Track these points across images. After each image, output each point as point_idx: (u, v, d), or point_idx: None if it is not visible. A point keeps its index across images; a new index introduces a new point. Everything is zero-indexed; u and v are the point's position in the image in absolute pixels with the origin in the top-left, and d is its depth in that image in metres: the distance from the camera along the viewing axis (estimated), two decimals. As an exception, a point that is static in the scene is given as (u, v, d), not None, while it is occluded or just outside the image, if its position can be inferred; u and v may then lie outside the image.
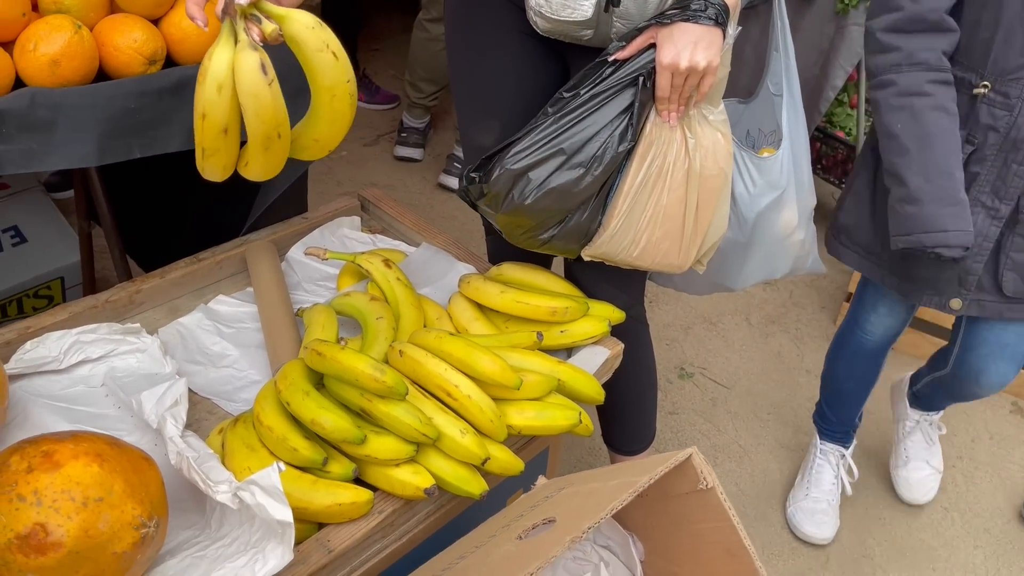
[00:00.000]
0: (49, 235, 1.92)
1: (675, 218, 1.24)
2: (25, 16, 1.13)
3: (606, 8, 1.18)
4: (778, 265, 1.46)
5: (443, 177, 3.11)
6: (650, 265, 1.30)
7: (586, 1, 1.19)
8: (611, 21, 1.20)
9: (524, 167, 1.22)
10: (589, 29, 1.22)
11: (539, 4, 1.22)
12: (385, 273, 1.40)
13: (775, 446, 2.15)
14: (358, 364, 1.06)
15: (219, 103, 0.97)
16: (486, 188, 1.28)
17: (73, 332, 1.27)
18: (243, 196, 1.54)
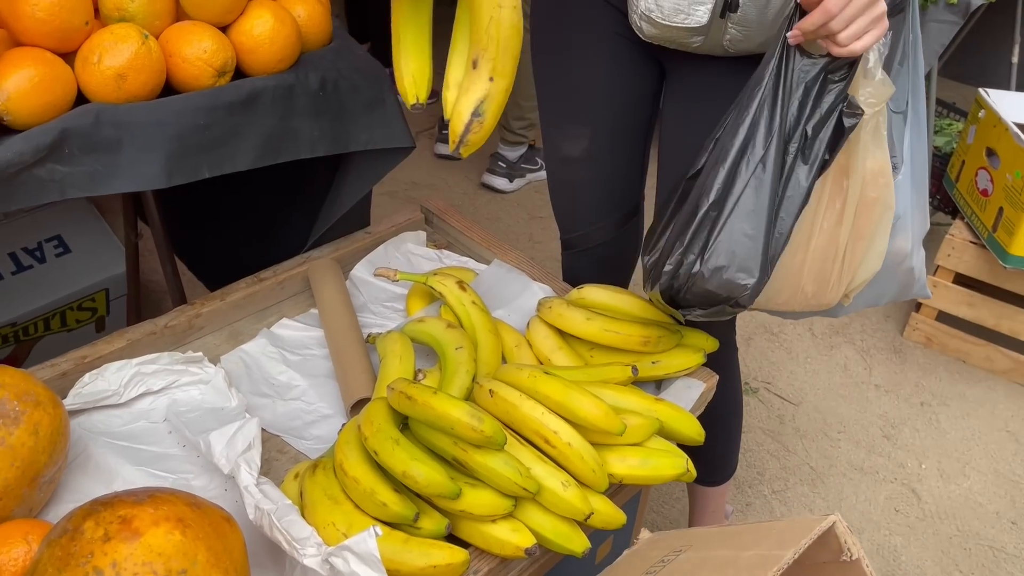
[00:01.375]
0: (93, 245, 1.85)
1: (824, 257, 1.13)
2: (88, 25, 1.04)
3: (722, 14, 1.08)
4: (885, 291, 1.35)
5: (487, 176, 3.02)
6: (791, 307, 1.20)
7: (702, 6, 1.08)
8: (725, 27, 1.10)
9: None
10: (700, 35, 1.12)
11: (649, 9, 1.12)
12: (460, 296, 1.30)
13: (848, 468, 2.04)
14: (453, 412, 0.96)
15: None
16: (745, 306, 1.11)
17: (133, 363, 1.19)
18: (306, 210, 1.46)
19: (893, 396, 2.26)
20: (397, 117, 1.31)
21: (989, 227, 2.20)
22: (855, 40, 0.99)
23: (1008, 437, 2.17)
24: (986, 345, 2.34)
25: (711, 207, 1.06)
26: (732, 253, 1.05)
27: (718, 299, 1.07)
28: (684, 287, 1.08)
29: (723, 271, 1.05)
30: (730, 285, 1.05)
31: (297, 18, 1.21)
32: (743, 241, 1.05)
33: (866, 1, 0.96)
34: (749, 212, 1.05)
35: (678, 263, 1.08)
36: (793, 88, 1.06)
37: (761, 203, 1.05)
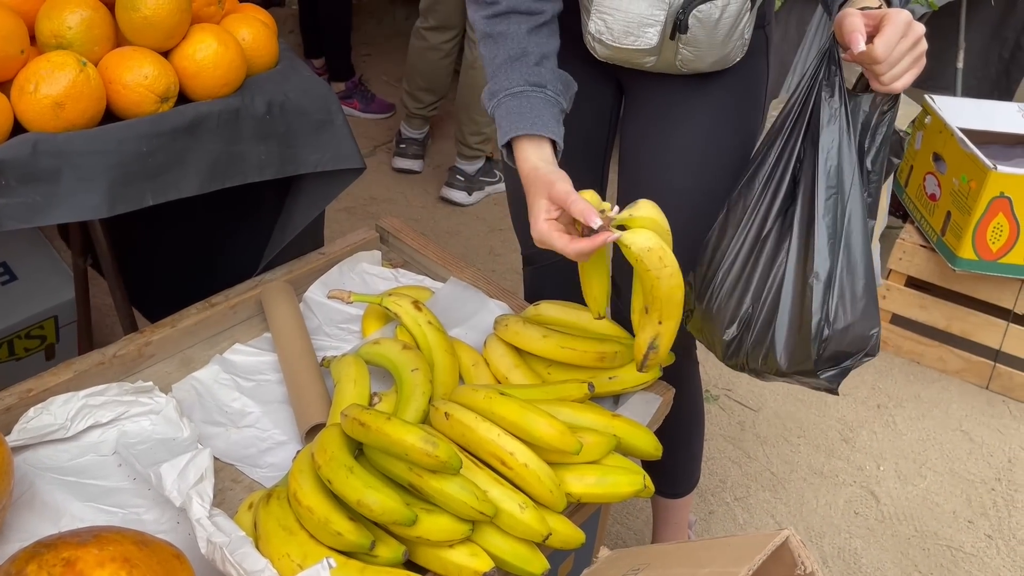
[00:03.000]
0: (40, 271, 1.80)
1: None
2: (23, 53, 1.02)
3: (672, 35, 1.09)
4: None
5: (446, 190, 3.02)
6: None
7: (651, 28, 1.09)
8: (676, 48, 1.11)
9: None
10: (652, 56, 1.13)
11: (599, 31, 1.13)
12: (416, 317, 1.29)
13: (808, 472, 2.06)
14: (407, 437, 0.95)
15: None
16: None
17: (80, 395, 1.16)
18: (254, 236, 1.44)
19: (851, 399, 2.30)
20: (346, 138, 1.30)
21: (938, 231, 2.24)
22: (896, 81, 1.02)
23: (962, 437, 2.21)
24: (939, 346, 2.39)
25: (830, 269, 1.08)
26: (854, 308, 1.07)
27: (848, 355, 1.10)
28: (818, 355, 1.10)
29: (851, 328, 1.08)
30: (860, 339, 1.09)
31: (242, 41, 1.20)
32: (859, 293, 1.07)
33: (910, 43, 0.99)
34: (855, 263, 1.07)
35: (817, 334, 1.09)
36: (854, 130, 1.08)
37: (861, 251, 1.08)
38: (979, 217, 2.08)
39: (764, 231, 1.13)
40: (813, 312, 1.09)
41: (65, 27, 1.05)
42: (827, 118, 1.07)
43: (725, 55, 1.17)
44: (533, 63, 1.09)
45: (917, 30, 1.00)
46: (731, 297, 1.15)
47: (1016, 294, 2.22)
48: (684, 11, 1.10)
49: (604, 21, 1.14)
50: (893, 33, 0.98)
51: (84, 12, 1.05)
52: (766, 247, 1.13)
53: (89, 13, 1.06)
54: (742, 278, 1.15)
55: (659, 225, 1.01)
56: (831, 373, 1.12)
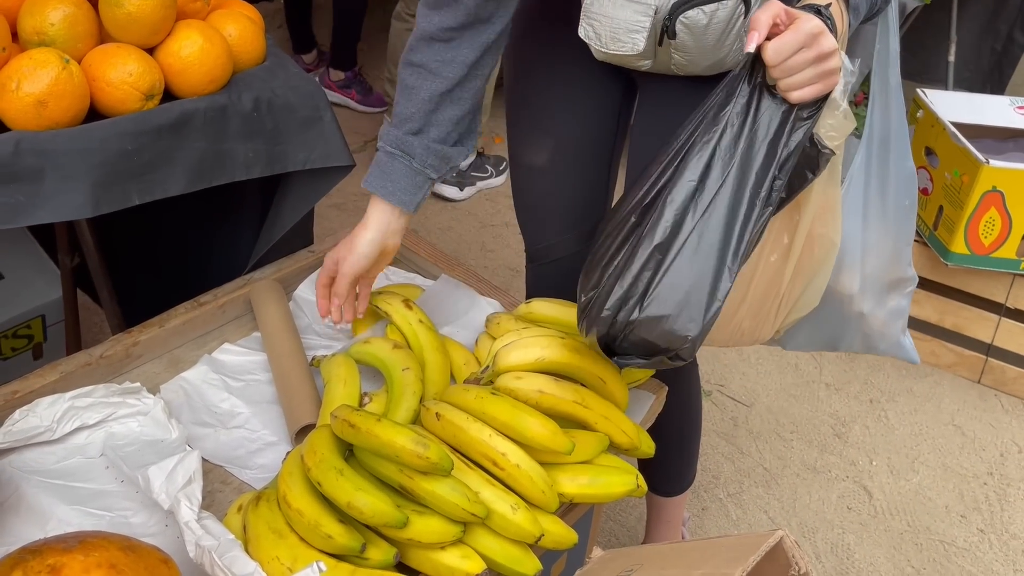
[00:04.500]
0: (27, 270, 1.78)
1: (765, 295, 1.11)
2: (5, 51, 1.00)
3: (660, 41, 1.07)
4: (841, 337, 1.27)
5: (437, 186, 3.00)
6: (722, 344, 1.16)
7: (637, 35, 1.08)
8: (668, 52, 1.10)
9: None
10: (646, 60, 1.12)
11: (588, 36, 1.12)
12: (406, 315, 1.29)
13: (801, 468, 2.06)
14: (397, 439, 0.94)
15: None
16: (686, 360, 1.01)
17: (67, 396, 1.15)
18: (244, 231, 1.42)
19: (843, 394, 2.30)
20: (335, 135, 1.28)
21: (930, 225, 2.24)
22: (793, 91, 0.94)
23: (955, 431, 2.21)
24: (931, 340, 2.39)
25: (656, 248, 0.98)
26: (676, 302, 0.96)
27: (657, 349, 0.98)
28: (621, 334, 0.99)
29: (664, 321, 0.96)
30: (671, 336, 0.96)
31: (228, 37, 1.18)
32: (688, 289, 0.96)
33: (812, 56, 0.91)
34: (695, 257, 0.97)
35: (616, 308, 0.99)
36: (762, 128, 0.98)
37: (710, 248, 0.96)
38: (971, 211, 2.08)
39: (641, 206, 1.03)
40: (618, 286, 0.99)
41: (48, 24, 1.03)
42: (718, 107, 0.99)
43: (720, 59, 1.14)
44: (414, 131, 1.15)
45: (824, 44, 0.91)
46: (598, 266, 1.04)
47: (1008, 288, 2.22)
48: (670, 17, 1.07)
49: (592, 27, 1.13)
50: (790, 40, 0.90)
51: (67, 8, 1.03)
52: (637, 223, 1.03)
53: (72, 9, 1.04)
54: (609, 249, 1.04)
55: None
56: (633, 362, 1.01)
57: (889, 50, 1.18)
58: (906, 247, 1.23)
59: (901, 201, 1.20)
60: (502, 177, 3.11)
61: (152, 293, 1.39)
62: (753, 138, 0.98)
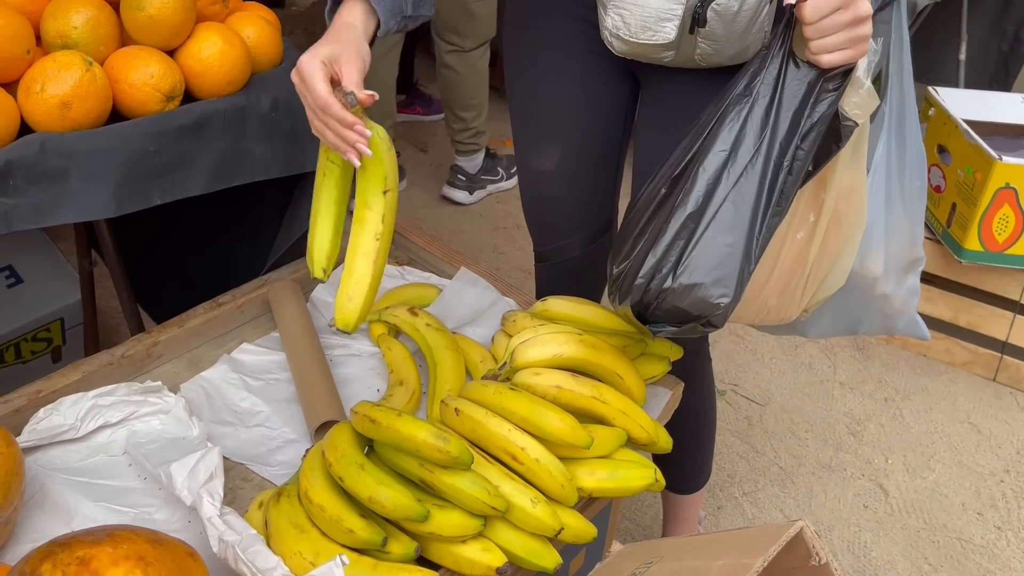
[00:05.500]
0: (46, 273, 1.80)
1: (792, 272, 1.12)
2: (29, 53, 1.02)
3: (691, 29, 1.08)
4: (861, 319, 1.29)
5: (447, 189, 3.00)
6: (749, 321, 1.17)
7: (669, 23, 1.08)
8: (695, 42, 1.10)
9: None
10: (671, 51, 1.12)
11: (616, 27, 1.12)
12: (413, 322, 1.30)
13: (816, 467, 2.06)
14: (419, 433, 0.95)
15: None
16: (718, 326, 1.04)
17: (90, 395, 1.16)
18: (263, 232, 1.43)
19: (857, 393, 2.29)
20: (352, 136, 1.29)
21: (944, 223, 2.24)
22: (825, 53, 0.95)
23: (970, 429, 2.20)
24: (946, 339, 2.38)
25: (689, 218, 1.00)
26: (708, 269, 0.98)
27: (689, 317, 1.00)
28: (654, 302, 1.01)
29: (697, 288, 0.98)
30: (704, 304, 0.99)
31: (247, 39, 1.19)
32: (721, 257, 0.98)
33: (848, 18, 0.92)
34: (729, 226, 0.98)
35: (649, 276, 1.01)
36: (788, 98, 1.00)
37: (742, 217, 0.98)
38: (985, 208, 2.08)
39: (671, 179, 1.05)
40: (650, 255, 1.01)
41: (71, 27, 1.04)
42: (749, 78, 1.00)
43: (744, 48, 1.14)
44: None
45: (860, 7, 0.91)
46: (629, 238, 1.07)
47: (1023, 285, 2.21)
48: (702, 5, 1.08)
49: (621, 16, 1.13)
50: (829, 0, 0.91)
51: (89, 12, 1.05)
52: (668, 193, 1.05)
53: (94, 13, 1.06)
54: (640, 222, 1.06)
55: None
56: (667, 330, 1.03)
57: (903, 38, 1.18)
58: (919, 227, 1.24)
59: (914, 183, 1.21)
60: (514, 180, 3.08)
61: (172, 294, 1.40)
62: (780, 108, 1.00)
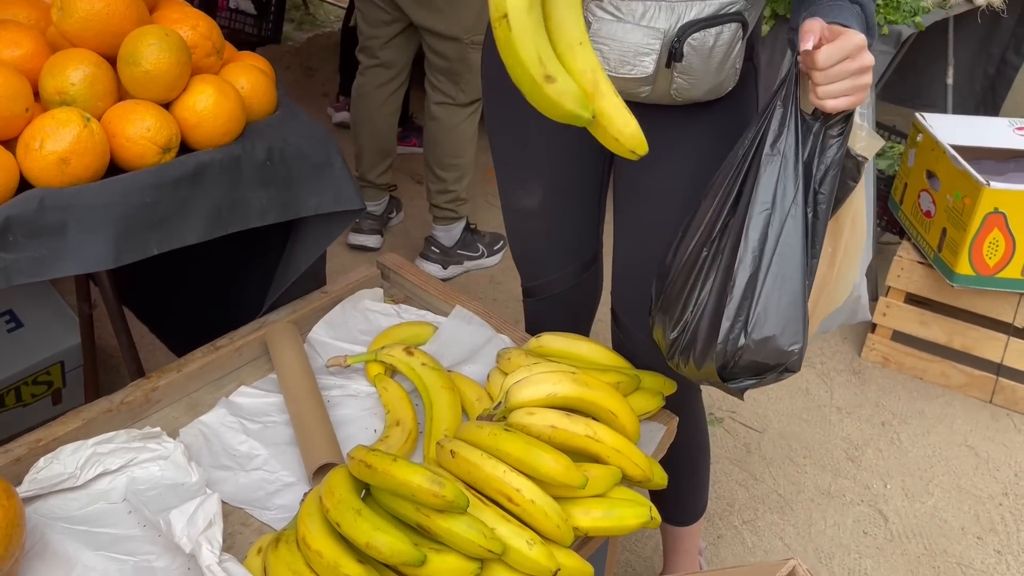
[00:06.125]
0: (46, 317, 1.82)
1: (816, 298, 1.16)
2: (28, 111, 1.04)
3: (668, 64, 1.11)
4: (835, 319, 1.39)
5: (419, 261, 2.75)
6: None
7: (647, 57, 1.11)
8: (671, 77, 1.13)
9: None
10: (648, 86, 1.15)
11: None
12: (409, 362, 1.32)
13: (816, 493, 2.06)
14: (414, 478, 0.96)
15: None
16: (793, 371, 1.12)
17: (89, 443, 1.17)
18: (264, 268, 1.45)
19: (855, 418, 2.30)
20: (346, 180, 1.32)
21: (935, 247, 2.26)
22: (831, 98, 1.01)
23: (968, 452, 2.21)
24: (941, 361, 2.39)
25: (751, 278, 1.07)
26: (776, 321, 1.05)
27: (768, 368, 1.08)
28: (731, 361, 1.08)
29: (770, 341, 1.05)
30: (779, 353, 1.06)
31: (240, 89, 1.22)
32: (784, 307, 1.05)
33: (855, 67, 0.99)
34: (785, 277, 1.06)
35: (725, 339, 1.07)
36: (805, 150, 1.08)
37: (794, 268, 1.06)
38: (974, 233, 2.10)
39: (710, 240, 1.13)
40: (724, 319, 1.07)
41: (68, 84, 1.07)
42: (773, 136, 1.08)
43: (719, 83, 1.19)
44: None
45: (865, 58, 0.99)
46: (679, 301, 1.15)
47: (1015, 308, 2.23)
48: (679, 39, 1.12)
49: (600, 52, 1.16)
50: (840, 47, 0.98)
51: (87, 68, 1.08)
52: (708, 256, 1.13)
53: (92, 69, 1.08)
54: (688, 283, 1.14)
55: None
56: (747, 383, 1.11)
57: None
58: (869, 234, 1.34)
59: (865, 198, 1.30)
60: (496, 257, 2.85)
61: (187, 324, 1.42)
62: (800, 160, 1.07)
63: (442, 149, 2.57)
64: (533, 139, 1.36)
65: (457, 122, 2.55)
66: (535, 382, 1.18)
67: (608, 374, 1.26)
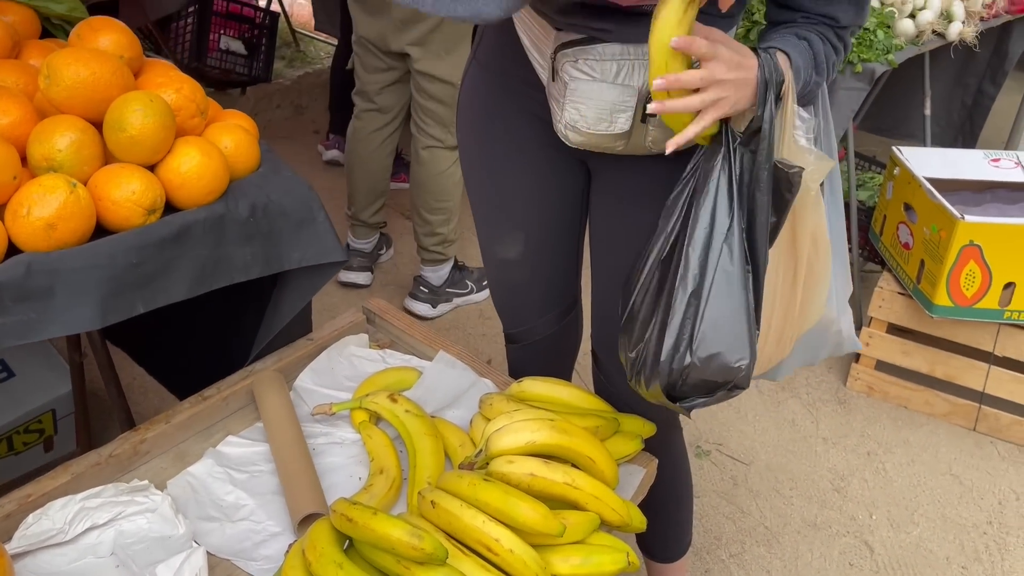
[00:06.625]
0: (37, 366, 1.84)
1: (784, 319, 1.19)
2: (16, 179, 1.07)
3: (644, 119, 1.15)
4: (819, 352, 1.41)
5: (408, 302, 2.76)
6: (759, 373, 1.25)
7: (623, 114, 1.15)
8: (647, 130, 1.17)
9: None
10: (624, 140, 1.19)
11: (574, 120, 1.18)
12: (393, 409, 1.34)
13: (802, 525, 2.08)
14: (393, 532, 0.99)
15: None
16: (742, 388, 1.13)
17: (78, 498, 1.19)
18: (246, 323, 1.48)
19: (840, 448, 2.32)
20: (328, 233, 1.35)
21: (914, 279, 2.29)
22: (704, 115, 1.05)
23: (952, 480, 2.23)
24: (925, 390, 2.42)
25: (692, 295, 1.09)
26: (721, 337, 1.07)
27: (716, 386, 1.09)
28: (679, 380, 1.10)
29: (716, 358, 1.07)
30: (726, 370, 1.07)
31: (224, 149, 1.25)
32: (728, 323, 1.07)
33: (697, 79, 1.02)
34: (727, 294, 1.07)
35: (670, 358, 1.09)
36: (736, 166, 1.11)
37: (735, 283, 1.07)
38: (951, 265, 2.13)
39: (660, 261, 1.15)
40: (667, 337, 1.09)
41: (55, 150, 1.10)
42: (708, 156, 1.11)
43: None
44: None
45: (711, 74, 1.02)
46: (635, 322, 1.16)
47: (995, 337, 2.27)
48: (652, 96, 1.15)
49: (578, 110, 1.20)
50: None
51: (73, 135, 1.11)
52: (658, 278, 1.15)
53: (78, 135, 1.11)
54: (642, 305, 1.16)
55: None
56: (697, 402, 1.11)
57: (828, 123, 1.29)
58: (846, 265, 1.36)
59: (840, 234, 1.33)
60: (485, 292, 2.85)
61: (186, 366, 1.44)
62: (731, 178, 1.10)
63: (429, 193, 2.59)
64: (509, 195, 1.40)
65: (445, 167, 2.57)
66: (515, 430, 1.21)
67: (587, 418, 1.29)
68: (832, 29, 1.18)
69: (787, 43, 1.13)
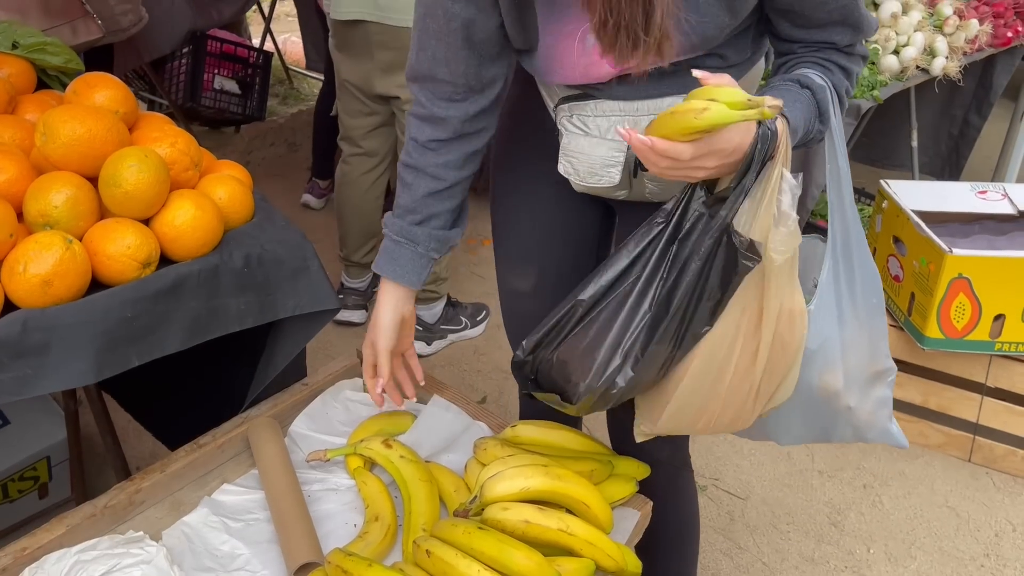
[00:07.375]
0: (32, 414, 1.84)
1: (738, 390, 1.18)
2: (12, 237, 1.09)
3: (635, 173, 1.17)
4: (831, 429, 1.33)
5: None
6: (703, 431, 1.25)
7: (613, 168, 1.17)
8: (643, 182, 1.19)
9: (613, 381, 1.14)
10: (623, 190, 1.21)
11: (567, 172, 1.21)
12: (387, 455, 1.35)
13: (800, 560, 2.08)
14: (388, 584, 0.99)
15: None
16: (574, 405, 1.19)
17: (73, 551, 1.19)
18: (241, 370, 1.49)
19: (836, 481, 2.32)
20: (322, 282, 1.37)
21: (904, 311, 2.31)
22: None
23: (949, 513, 2.23)
24: (919, 422, 2.43)
25: (578, 303, 1.16)
26: (578, 354, 1.15)
27: (554, 388, 1.19)
28: (541, 367, 1.21)
29: (565, 365, 1.17)
30: (565, 379, 1.17)
31: (218, 200, 1.27)
32: (589, 347, 1.14)
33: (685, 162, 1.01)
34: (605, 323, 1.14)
35: (538, 344, 1.19)
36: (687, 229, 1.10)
37: (616, 319, 1.13)
38: (941, 298, 2.15)
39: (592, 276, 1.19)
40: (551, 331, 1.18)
41: (51, 206, 1.12)
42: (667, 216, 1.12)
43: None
44: (416, 222, 1.28)
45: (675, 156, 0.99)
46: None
47: (986, 368, 2.28)
48: None
49: (571, 163, 1.22)
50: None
51: (69, 191, 1.13)
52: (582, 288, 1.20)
53: (73, 191, 1.13)
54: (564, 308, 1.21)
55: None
56: (536, 392, 1.23)
57: (839, 169, 1.26)
58: (881, 341, 1.29)
59: (869, 300, 1.26)
60: (479, 328, 2.89)
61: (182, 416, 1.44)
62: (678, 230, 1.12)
63: None
64: (528, 227, 1.42)
65: None
66: (509, 477, 1.21)
67: (581, 462, 1.29)
68: (836, 51, 1.15)
69: (787, 97, 1.09)
